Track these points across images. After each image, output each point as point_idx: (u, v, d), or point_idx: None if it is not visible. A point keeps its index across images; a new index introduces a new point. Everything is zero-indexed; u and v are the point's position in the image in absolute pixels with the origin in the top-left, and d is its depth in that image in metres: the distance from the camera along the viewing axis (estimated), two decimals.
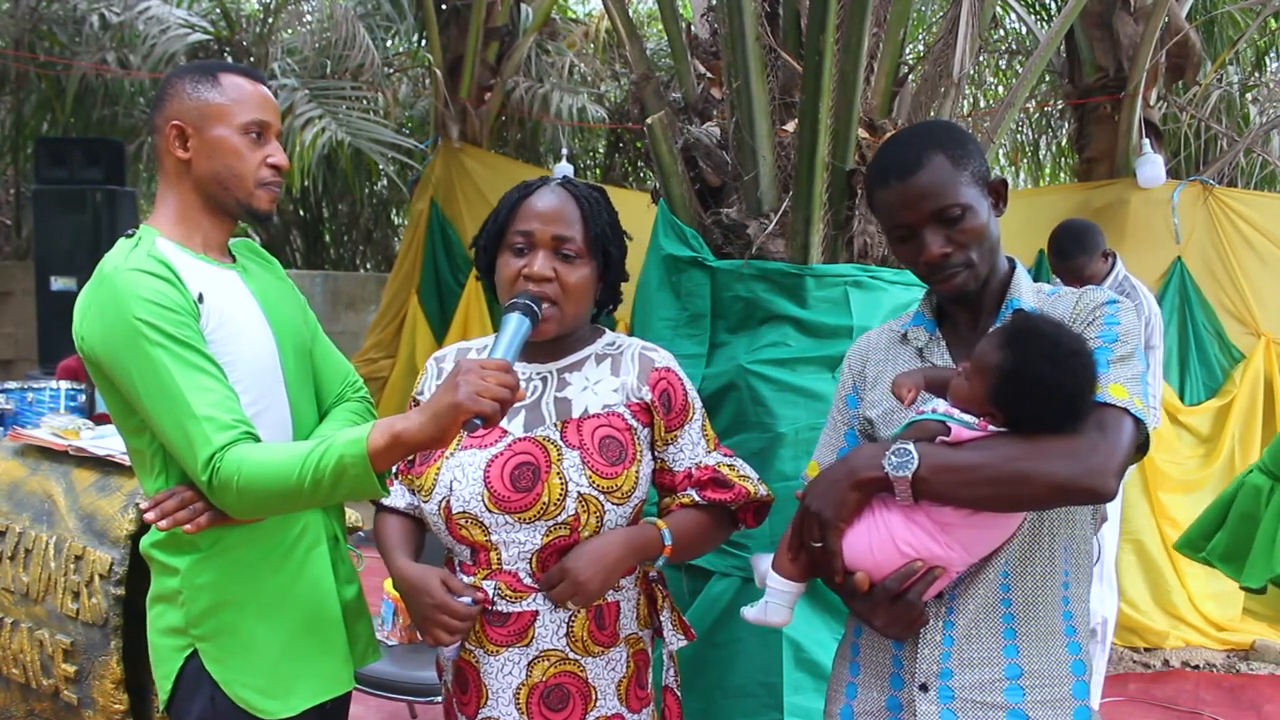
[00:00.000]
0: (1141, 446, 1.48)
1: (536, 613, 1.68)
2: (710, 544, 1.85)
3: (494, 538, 1.67)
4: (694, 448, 1.80)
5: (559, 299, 1.70)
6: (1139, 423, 1.43)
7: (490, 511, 1.66)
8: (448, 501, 1.69)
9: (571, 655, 1.69)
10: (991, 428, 1.44)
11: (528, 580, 1.68)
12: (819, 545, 1.51)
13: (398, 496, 1.84)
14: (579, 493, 1.66)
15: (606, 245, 1.76)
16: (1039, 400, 1.40)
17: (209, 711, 1.69)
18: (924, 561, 1.46)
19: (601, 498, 1.67)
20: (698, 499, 1.77)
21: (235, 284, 1.78)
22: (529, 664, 1.68)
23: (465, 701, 1.74)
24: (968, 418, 1.45)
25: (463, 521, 1.68)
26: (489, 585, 1.69)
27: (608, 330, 1.87)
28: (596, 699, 1.70)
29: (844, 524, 1.49)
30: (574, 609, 1.68)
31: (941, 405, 1.48)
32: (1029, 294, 1.59)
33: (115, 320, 1.61)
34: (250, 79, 1.79)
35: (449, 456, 1.72)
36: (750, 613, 1.62)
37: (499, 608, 1.68)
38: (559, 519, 1.65)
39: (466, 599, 1.66)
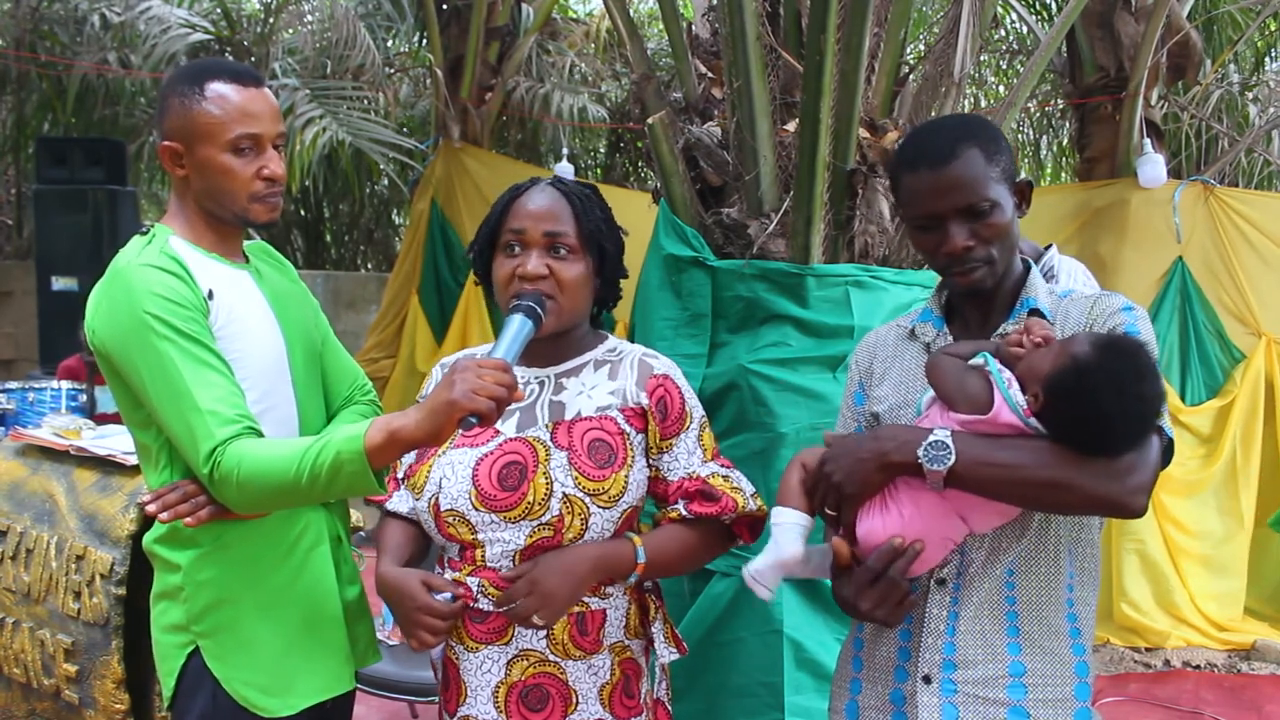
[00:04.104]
0: (1165, 453, 1.46)
1: None
2: (697, 562, 1.80)
3: (480, 535, 1.66)
4: (689, 457, 1.75)
5: (556, 294, 1.69)
6: (1163, 434, 1.43)
7: (476, 510, 1.65)
8: (436, 499, 1.68)
9: (551, 657, 1.67)
10: (1032, 420, 1.41)
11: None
12: (834, 515, 1.52)
13: (400, 501, 1.81)
14: (564, 493, 1.64)
15: (601, 240, 1.75)
16: (1082, 410, 1.36)
17: (210, 708, 1.69)
18: (903, 538, 1.45)
19: (587, 500, 1.64)
20: (684, 513, 1.72)
21: (246, 284, 1.79)
22: (508, 662, 1.67)
23: (447, 699, 1.73)
24: (1020, 397, 1.42)
25: (450, 519, 1.67)
26: (473, 581, 1.67)
27: (611, 336, 1.84)
28: (578, 702, 1.67)
29: (863, 501, 1.50)
30: (541, 623, 1.62)
31: (1007, 373, 1.44)
32: (1044, 295, 1.59)
33: (125, 314, 1.63)
34: (240, 84, 1.72)
35: (441, 455, 1.71)
36: (756, 562, 1.55)
37: (480, 605, 1.67)
38: (543, 519, 1.63)
39: (447, 595, 1.64)
